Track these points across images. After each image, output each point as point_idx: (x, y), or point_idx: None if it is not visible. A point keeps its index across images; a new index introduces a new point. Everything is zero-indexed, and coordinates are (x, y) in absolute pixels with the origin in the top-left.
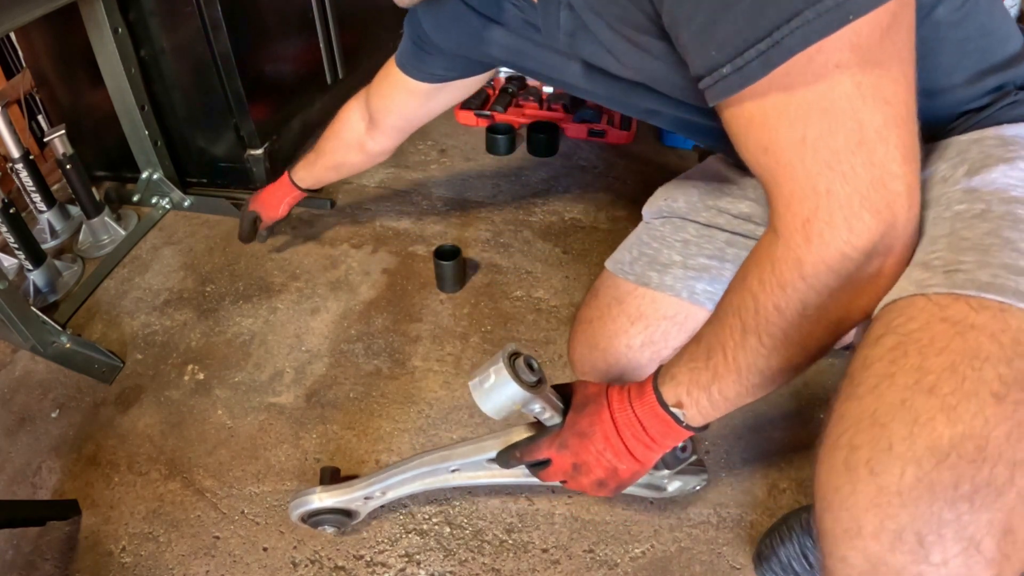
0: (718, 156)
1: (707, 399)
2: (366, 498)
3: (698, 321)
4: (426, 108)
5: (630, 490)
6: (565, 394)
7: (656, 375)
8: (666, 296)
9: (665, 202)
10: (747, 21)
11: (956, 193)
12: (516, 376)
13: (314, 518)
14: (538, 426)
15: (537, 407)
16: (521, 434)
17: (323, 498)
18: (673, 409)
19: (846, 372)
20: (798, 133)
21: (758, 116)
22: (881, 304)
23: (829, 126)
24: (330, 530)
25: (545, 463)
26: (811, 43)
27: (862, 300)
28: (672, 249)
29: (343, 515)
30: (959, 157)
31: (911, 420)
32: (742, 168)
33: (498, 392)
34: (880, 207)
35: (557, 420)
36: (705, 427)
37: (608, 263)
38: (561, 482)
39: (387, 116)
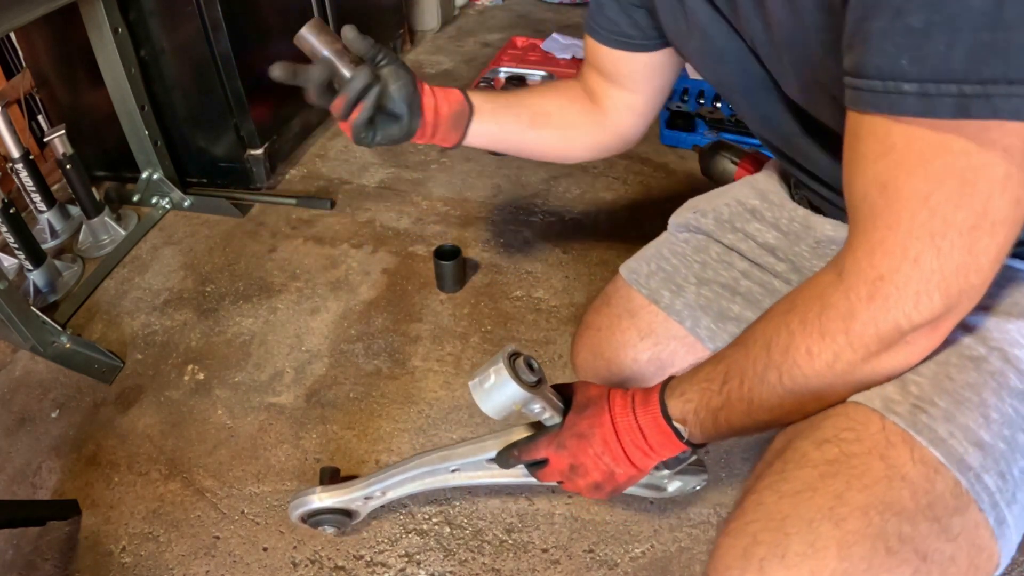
0: (762, 174)
1: (712, 423)
2: (366, 498)
3: (706, 350)
4: (644, 83)
5: (630, 490)
6: (566, 395)
7: (664, 386)
8: (674, 320)
9: (693, 215)
10: (969, 54)
11: (971, 322)
12: (516, 376)
13: (314, 518)
14: (538, 426)
15: (537, 407)
16: (521, 434)
17: (323, 498)
18: (676, 424)
19: (782, 451)
20: (927, 188)
21: (900, 150)
22: (861, 394)
23: (959, 199)
24: (330, 530)
25: (543, 463)
26: (1022, 119)
27: (889, 367)
28: (690, 270)
29: (343, 515)
30: (994, 287)
31: (810, 542)
32: (782, 194)
33: (498, 392)
34: (952, 293)
35: (557, 420)
36: (703, 445)
37: (623, 270)
38: (558, 483)
39: (605, 94)
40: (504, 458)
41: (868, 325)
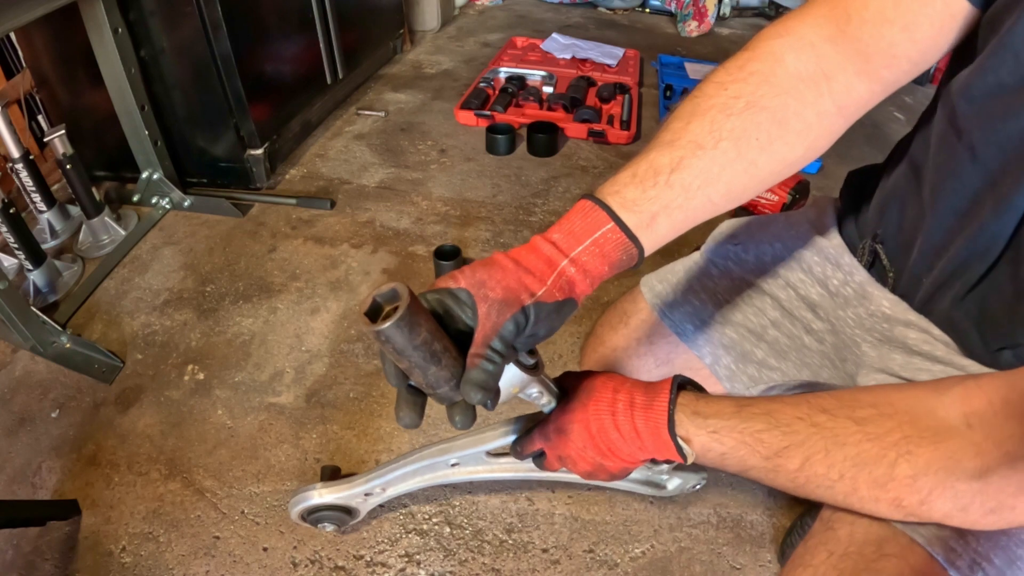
0: (816, 219)
1: (735, 468)
2: (366, 494)
3: (719, 385)
4: (929, 48)
5: (630, 488)
6: (562, 387)
7: (674, 395)
8: (694, 353)
9: (734, 248)
10: None
11: None
12: (515, 359)
13: (314, 515)
14: (536, 416)
15: (535, 391)
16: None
17: (323, 494)
18: (682, 443)
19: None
20: None
21: None
22: (914, 530)
23: None
24: (330, 528)
25: (542, 454)
26: None
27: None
28: (718, 308)
29: (343, 512)
30: None
31: None
32: (840, 249)
33: None
34: None
35: (552, 404)
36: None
37: (647, 292)
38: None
39: (875, 52)
40: (514, 450)
41: (968, 521)
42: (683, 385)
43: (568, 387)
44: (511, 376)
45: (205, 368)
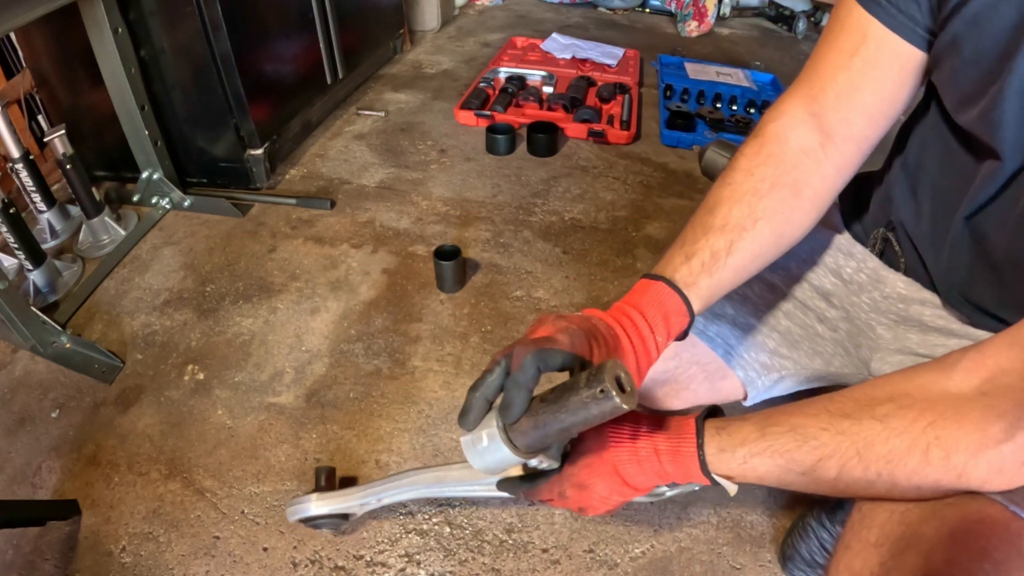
0: (826, 218)
1: (772, 483)
2: (362, 505)
3: (726, 374)
4: (898, 100)
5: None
6: None
7: (702, 446)
8: (704, 345)
9: None
10: None
11: None
12: (509, 441)
13: (311, 522)
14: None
15: (533, 462)
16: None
17: (320, 506)
18: (724, 482)
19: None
20: None
21: None
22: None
23: None
24: (327, 531)
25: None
26: None
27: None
28: (728, 299)
29: (339, 518)
30: None
31: None
32: (851, 240)
33: (491, 455)
34: None
35: (555, 465)
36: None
37: None
38: None
39: (855, 117)
40: (511, 489)
41: (1006, 481)
42: (701, 419)
43: None
44: (504, 456)
45: (205, 368)
